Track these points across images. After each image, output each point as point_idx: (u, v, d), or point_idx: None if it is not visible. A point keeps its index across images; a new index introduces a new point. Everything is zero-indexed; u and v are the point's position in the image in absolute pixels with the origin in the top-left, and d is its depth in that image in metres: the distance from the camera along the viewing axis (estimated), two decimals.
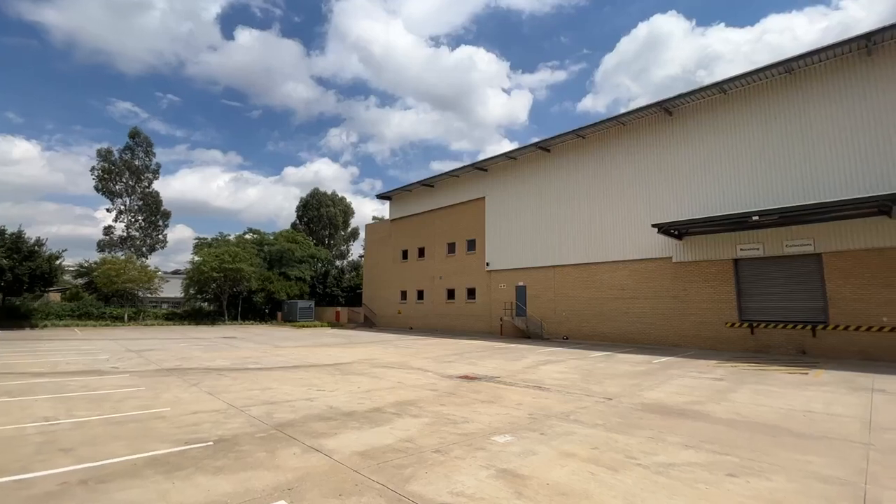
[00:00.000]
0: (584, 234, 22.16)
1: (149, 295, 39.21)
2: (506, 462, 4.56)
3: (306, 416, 6.48)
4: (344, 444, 5.15)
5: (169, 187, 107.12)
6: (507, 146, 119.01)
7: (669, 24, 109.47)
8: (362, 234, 45.24)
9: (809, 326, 15.07)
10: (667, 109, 19.46)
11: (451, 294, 29.71)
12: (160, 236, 48.95)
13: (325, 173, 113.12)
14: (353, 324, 37.08)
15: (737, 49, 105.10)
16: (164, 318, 34.18)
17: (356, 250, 60.47)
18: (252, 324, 36.26)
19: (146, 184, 47.76)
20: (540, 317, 23.59)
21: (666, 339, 18.56)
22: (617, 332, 20.27)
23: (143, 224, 47.49)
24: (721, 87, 17.67)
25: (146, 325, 31.66)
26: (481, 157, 28.13)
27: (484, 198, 27.92)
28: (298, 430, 5.72)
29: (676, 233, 18.00)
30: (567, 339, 21.95)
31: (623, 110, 22.54)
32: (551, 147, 24.26)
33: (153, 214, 47.97)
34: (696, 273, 18.06)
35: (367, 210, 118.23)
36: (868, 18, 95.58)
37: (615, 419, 6.43)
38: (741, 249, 16.76)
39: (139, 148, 47.41)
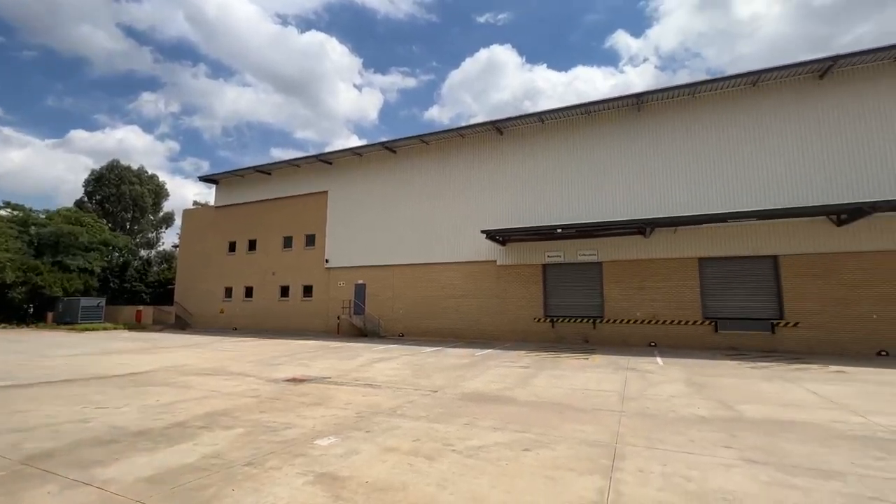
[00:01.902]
0: (423, 235, 23.21)
1: None
2: (326, 465, 4.43)
3: (75, 441, 5.18)
4: (127, 470, 4.28)
5: None
6: (356, 142, 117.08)
7: (505, 56, 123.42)
8: (179, 221, 38.75)
9: (591, 320, 18.73)
10: (498, 129, 21.82)
11: (285, 291, 27.72)
12: None
13: (134, 144, 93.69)
14: (161, 325, 31.48)
15: (554, 88, 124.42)
16: None
17: (170, 239, 51.56)
18: (4, 327, 27.61)
19: None
20: (378, 315, 23.81)
21: (488, 334, 20.73)
22: (448, 328, 21.79)
23: None
24: (540, 117, 20.64)
25: None
26: (328, 150, 27.06)
27: (327, 192, 26.89)
28: (61, 461, 4.54)
29: (501, 239, 20.29)
30: (403, 336, 22.68)
31: (463, 124, 24.49)
32: (397, 148, 24.78)
33: None
34: (514, 275, 20.67)
35: (187, 193, 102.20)
36: (641, 83, 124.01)
37: (438, 410, 6.87)
38: (548, 256, 19.86)
39: None
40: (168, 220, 53.13)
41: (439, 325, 22.09)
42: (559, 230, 17.97)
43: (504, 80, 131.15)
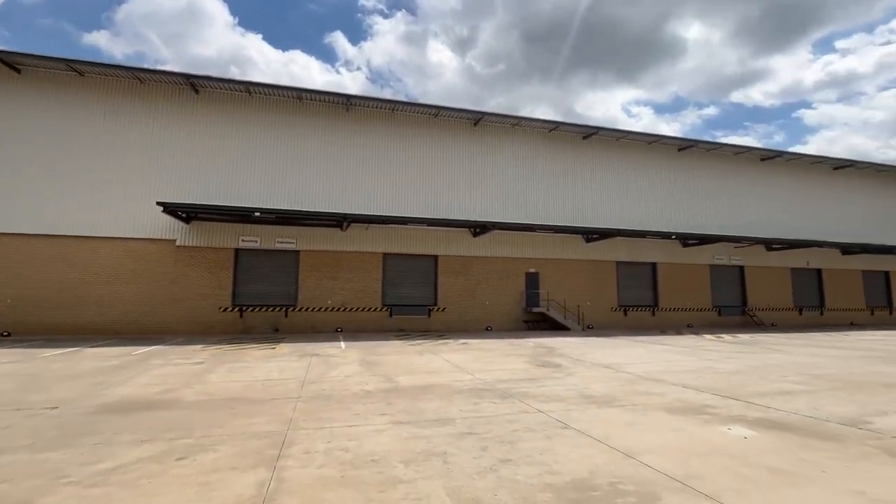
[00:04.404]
0: (63, 195, 17.07)
1: None
2: None
3: None
4: None
5: None
6: None
7: (212, 7, 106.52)
8: None
9: (283, 309, 18.50)
10: (194, 86, 18.53)
11: None
12: None
13: None
14: None
15: (269, 64, 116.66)
16: None
17: None
18: None
19: None
20: None
21: (158, 327, 17.25)
22: (98, 322, 16.80)
23: None
24: (247, 87, 18.85)
25: None
26: None
27: None
28: None
29: (184, 215, 17.30)
30: (9, 335, 15.95)
31: (146, 66, 19.48)
32: (25, 67, 17.29)
33: None
34: (199, 258, 18.01)
35: None
36: (354, 87, 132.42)
37: (53, 433, 5.12)
38: (243, 240, 18.35)
39: None
40: None
41: (82, 319, 16.73)
42: (257, 214, 16.88)
43: (209, 33, 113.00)
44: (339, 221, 18.45)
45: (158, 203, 15.93)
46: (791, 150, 28.67)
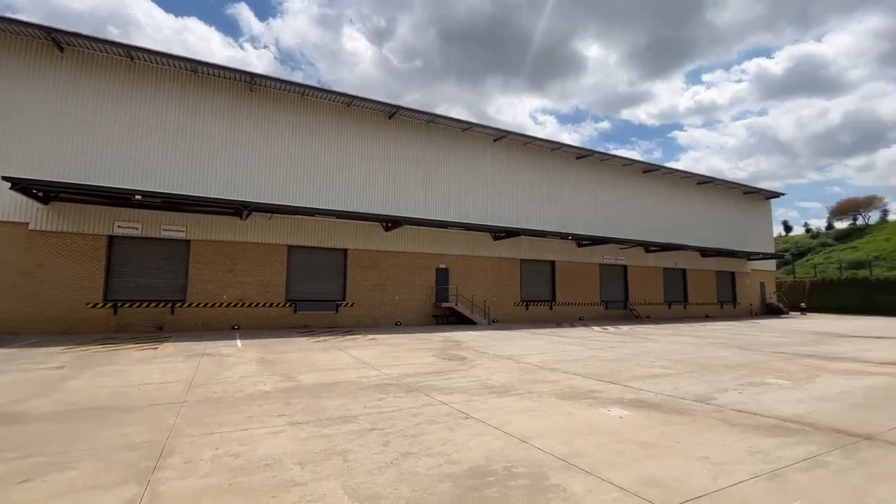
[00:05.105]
0: None
1: None
2: None
3: None
4: None
5: None
6: None
7: None
8: None
9: (169, 304, 16.62)
10: (58, 43, 15.74)
11: None
12: None
13: None
14: None
15: (158, 29, 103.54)
16: None
17: None
18: None
19: None
20: None
21: (4, 326, 14.40)
22: None
23: None
24: (129, 51, 16.51)
25: None
26: None
27: None
28: None
29: (41, 194, 14.65)
30: None
31: None
32: None
33: None
34: (61, 246, 15.41)
35: None
36: (261, 66, 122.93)
37: None
38: (119, 227, 16.09)
39: None
40: None
41: None
42: (138, 197, 14.89)
43: None
44: (239, 209, 17.03)
45: (5, 178, 13.27)
46: (666, 165, 32.83)
